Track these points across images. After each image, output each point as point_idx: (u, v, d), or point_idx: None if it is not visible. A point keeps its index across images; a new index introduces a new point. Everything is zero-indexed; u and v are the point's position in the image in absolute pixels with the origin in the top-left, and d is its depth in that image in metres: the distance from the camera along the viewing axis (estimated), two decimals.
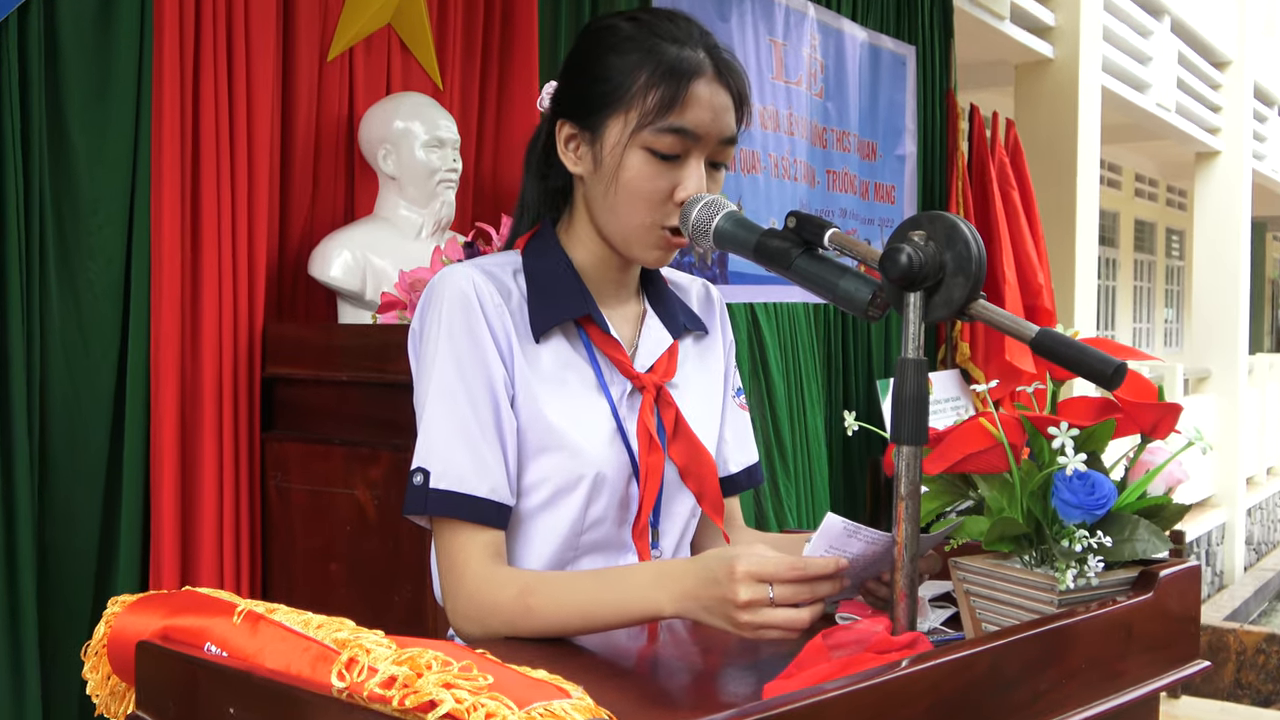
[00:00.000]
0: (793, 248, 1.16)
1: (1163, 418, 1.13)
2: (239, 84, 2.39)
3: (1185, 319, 14.48)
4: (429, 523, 1.30)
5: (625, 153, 1.28)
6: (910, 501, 1.04)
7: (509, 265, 1.36)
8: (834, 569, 1.07)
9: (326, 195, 2.65)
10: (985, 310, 1.05)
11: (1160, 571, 1.14)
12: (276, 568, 2.41)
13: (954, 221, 1.04)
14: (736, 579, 1.08)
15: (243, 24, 2.40)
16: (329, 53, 2.62)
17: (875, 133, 4.70)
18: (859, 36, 4.55)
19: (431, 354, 1.28)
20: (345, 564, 2.28)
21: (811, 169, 4.27)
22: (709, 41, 1.31)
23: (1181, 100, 8.85)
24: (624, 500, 1.34)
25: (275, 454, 2.41)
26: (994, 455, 1.12)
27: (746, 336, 3.85)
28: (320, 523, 2.33)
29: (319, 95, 2.62)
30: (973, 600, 1.15)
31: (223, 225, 2.35)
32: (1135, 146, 11.49)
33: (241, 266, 2.39)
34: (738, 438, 1.52)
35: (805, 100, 4.22)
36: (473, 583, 1.24)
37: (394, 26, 2.74)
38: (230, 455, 2.34)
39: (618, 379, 1.35)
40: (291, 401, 2.44)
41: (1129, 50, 7.78)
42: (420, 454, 1.27)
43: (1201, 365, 9.87)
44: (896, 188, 4.86)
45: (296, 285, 2.59)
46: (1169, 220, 14.78)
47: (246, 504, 2.37)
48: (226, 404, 2.34)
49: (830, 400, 4.40)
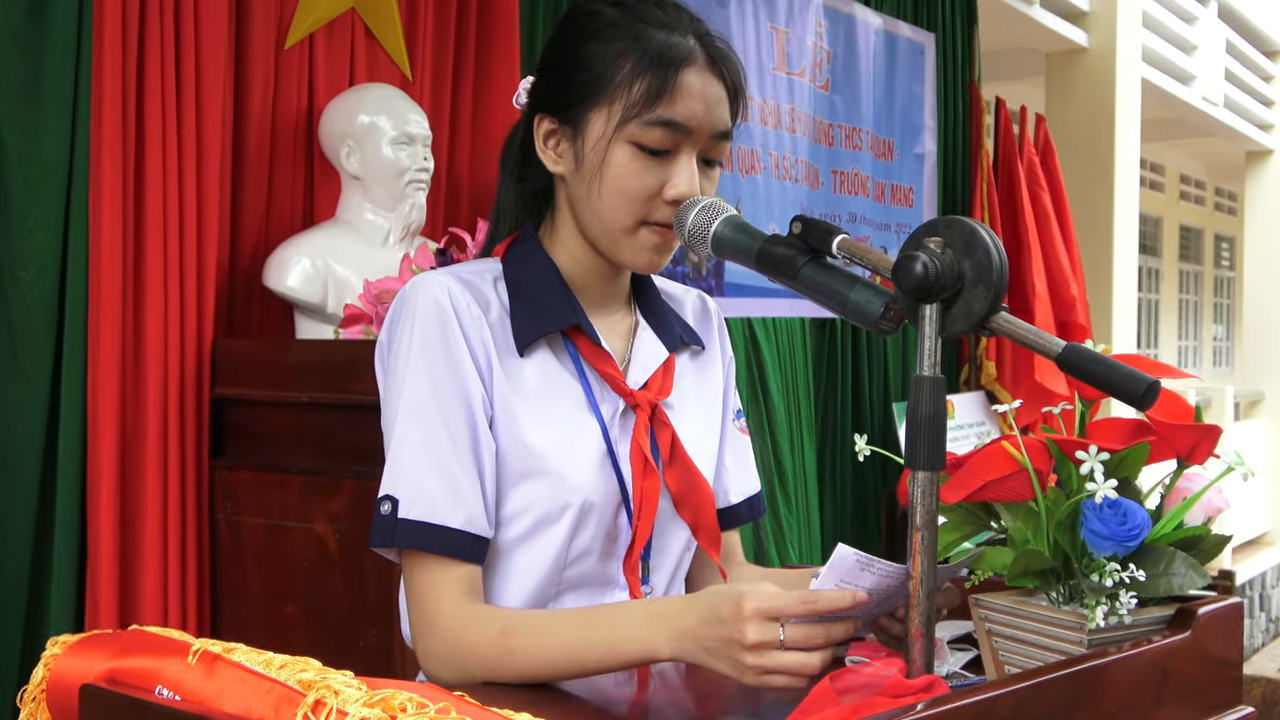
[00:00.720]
0: (798, 255, 1.19)
1: (1200, 441, 1.16)
2: (187, 75, 2.41)
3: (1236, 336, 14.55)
4: (397, 556, 1.32)
5: (610, 148, 1.30)
6: (926, 532, 1.06)
7: (488, 273, 1.38)
8: (850, 603, 1.09)
9: (283, 197, 2.68)
10: (1008, 324, 1.08)
11: (1199, 609, 1.16)
12: (226, 609, 2.43)
13: (973, 227, 1.07)
14: (745, 617, 1.10)
15: (191, 9, 2.42)
16: (286, 39, 2.65)
17: (891, 129, 4.75)
18: (873, 23, 4.60)
19: (402, 370, 1.30)
20: (303, 605, 2.30)
21: (814, 169, 4.31)
22: (700, 28, 1.34)
23: (1230, 93, 8.93)
24: (611, 531, 1.36)
25: (225, 483, 2.43)
26: (1017, 482, 1.15)
27: (744, 354, 3.88)
28: (275, 559, 2.34)
29: (275, 87, 2.64)
30: (995, 640, 1.18)
31: (169, 231, 2.38)
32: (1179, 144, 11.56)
33: (189, 276, 2.41)
34: (738, 465, 1.54)
35: (807, 93, 4.26)
36: (446, 622, 1.26)
37: (358, 11, 2.77)
38: (175, 484, 2.36)
39: (609, 396, 1.37)
40: (244, 425, 2.46)
41: (1171, 38, 7.84)
42: (388, 480, 1.29)
43: (1254, 387, 9.92)
44: (915, 190, 4.90)
45: (250, 297, 2.61)
46: (1218, 226, 14.87)
47: (193, 538, 2.39)
48: (172, 427, 2.36)
49: (839, 424, 4.43)
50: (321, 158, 2.70)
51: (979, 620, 1.19)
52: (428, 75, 2.93)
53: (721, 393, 1.53)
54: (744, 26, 3.89)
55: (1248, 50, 9.36)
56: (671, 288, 1.55)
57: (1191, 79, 8.22)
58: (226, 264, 2.55)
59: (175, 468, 2.36)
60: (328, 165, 2.69)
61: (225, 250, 2.54)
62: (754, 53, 3.95)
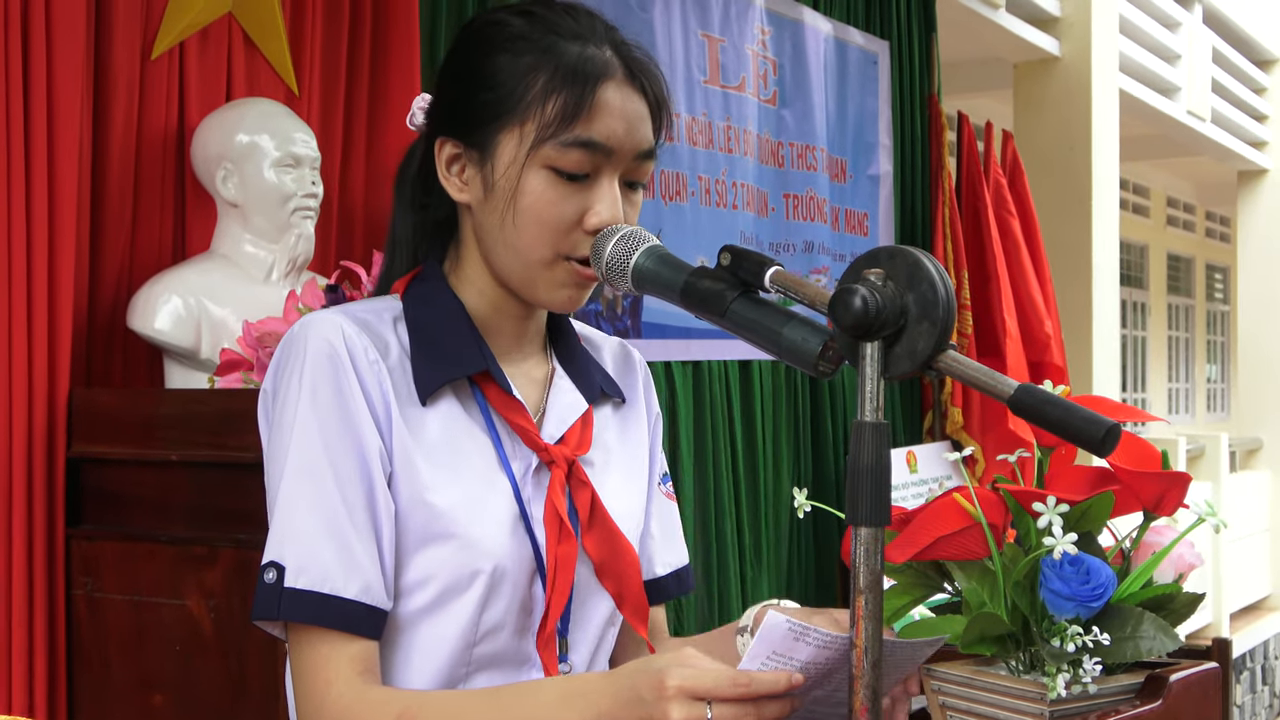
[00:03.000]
0: (727, 290, 1.23)
1: (1168, 489, 1.21)
2: (37, 88, 2.41)
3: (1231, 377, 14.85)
4: (283, 632, 1.33)
5: (523, 173, 1.33)
6: (871, 595, 1.10)
7: (386, 312, 1.41)
8: (785, 686, 1.12)
9: (150, 228, 2.68)
10: (956, 363, 1.12)
11: (1170, 675, 1.21)
12: (85, 700, 2.41)
13: (917, 257, 1.12)
14: (667, 696, 1.12)
15: (42, 10, 2.42)
16: (154, 48, 2.66)
17: (844, 148, 4.83)
18: (823, 30, 4.68)
19: (289, 421, 1.32)
20: (174, 694, 2.29)
21: (762, 194, 4.36)
22: (615, 37, 1.38)
23: (1218, 107, 9.15)
24: (526, 603, 1.38)
25: (84, 555, 2.42)
26: (970, 538, 1.19)
27: (665, 404, 3.89)
28: (142, 642, 2.33)
29: (140, 101, 2.65)
30: (950, 716, 1.22)
31: (14, 266, 2.36)
32: (1164, 164, 11.85)
33: (39, 318, 2.40)
34: (665, 534, 1.57)
35: (754, 109, 4.32)
36: (337, 705, 1.27)
37: (236, 16, 2.78)
38: (22, 556, 2.34)
39: (521, 451, 1.40)
40: (105, 488, 2.45)
41: (1152, 46, 8.03)
42: (273, 545, 1.30)
43: (1251, 434, 10.11)
44: (870, 215, 4.98)
45: (111, 342, 2.60)
46: (1210, 254, 15.20)
47: (45, 618, 2.37)
48: (18, 491, 2.34)
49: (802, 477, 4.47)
50: (194, 182, 2.70)
51: (931, 693, 1.23)
52: (316, 89, 2.94)
53: (647, 451, 1.56)
54: (670, 34, 3.92)
55: (1236, 60, 9.59)
56: (589, 333, 1.58)
57: (1175, 91, 8.41)
58: (85, 303, 2.54)
59: (21, 537, 2.34)
60: (202, 191, 2.70)
61: (83, 288, 2.53)
62: (681, 64, 3.97)
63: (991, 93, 7.26)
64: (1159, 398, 13.75)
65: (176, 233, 2.73)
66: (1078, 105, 6.71)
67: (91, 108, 2.56)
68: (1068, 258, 6.44)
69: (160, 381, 2.62)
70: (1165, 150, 10.05)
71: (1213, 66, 9.00)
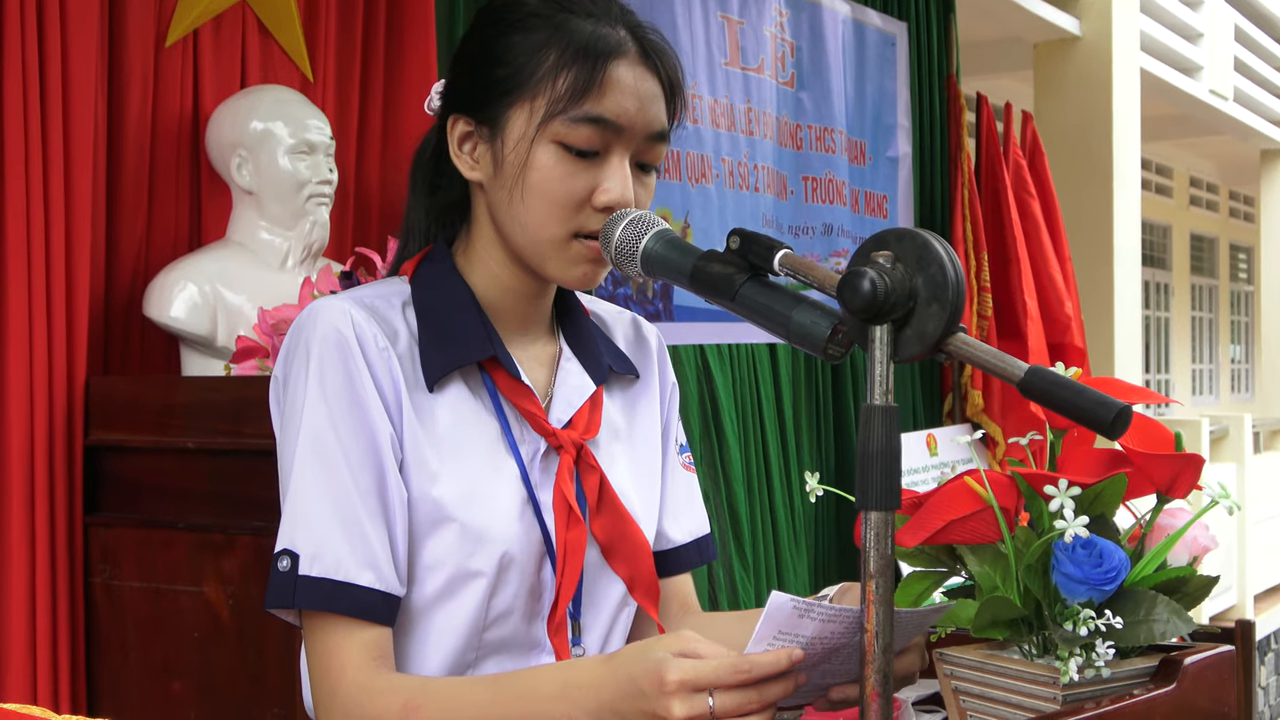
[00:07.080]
0: (737, 274, 1.22)
1: (1181, 471, 1.21)
2: (52, 76, 2.42)
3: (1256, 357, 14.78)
4: (298, 619, 1.33)
5: (533, 148, 1.33)
6: (881, 579, 1.09)
7: (395, 297, 1.41)
8: (786, 664, 1.12)
9: (165, 216, 2.69)
10: (966, 346, 1.11)
11: (1185, 659, 1.20)
12: (105, 687, 2.42)
13: (926, 239, 1.11)
14: (668, 691, 1.12)
15: (57, 1, 2.43)
16: (168, 36, 2.66)
17: (863, 130, 4.81)
18: (840, 11, 4.67)
19: (299, 408, 1.32)
20: (192, 681, 2.30)
21: (782, 176, 4.36)
22: (631, 19, 1.38)
23: (1241, 85, 9.10)
24: (535, 589, 1.38)
25: (102, 542, 2.43)
26: (982, 521, 1.18)
27: (697, 386, 3.90)
28: (160, 629, 2.34)
29: (155, 89, 2.65)
30: (962, 700, 1.22)
31: (33, 255, 2.37)
32: (1187, 144, 11.77)
33: (58, 307, 2.41)
34: (684, 503, 1.56)
35: (772, 91, 4.31)
36: (349, 692, 1.28)
37: (249, 2, 2.78)
38: (45, 544, 2.35)
39: (529, 436, 1.40)
40: (122, 476, 2.46)
41: (1174, 25, 7.99)
42: (286, 533, 1.31)
43: (1276, 415, 10.08)
44: (889, 197, 4.97)
45: (128, 329, 2.61)
46: (1233, 234, 15.12)
47: (66, 606, 2.38)
48: (39, 479, 2.36)
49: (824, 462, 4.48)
50: (210, 170, 2.71)
51: (944, 677, 1.23)
52: (331, 75, 2.95)
53: (661, 426, 1.55)
54: (690, 17, 3.93)
55: (1259, 37, 9.53)
56: (602, 309, 1.57)
57: (1197, 70, 8.36)
58: (101, 292, 2.55)
59: (44, 526, 2.35)
60: (217, 178, 2.70)
61: (99, 277, 2.54)
62: (703, 46, 3.98)
63: (1011, 73, 7.22)
64: (1183, 379, 13.69)
65: (192, 220, 2.74)
66: (1099, 85, 6.68)
67: (106, 96, 2.57)
68: (1089, 239, 6.42)
69: (177, 369, 2.63)
70: (1187, 130, 10.00)
71: (1235, 45, 8.96)
